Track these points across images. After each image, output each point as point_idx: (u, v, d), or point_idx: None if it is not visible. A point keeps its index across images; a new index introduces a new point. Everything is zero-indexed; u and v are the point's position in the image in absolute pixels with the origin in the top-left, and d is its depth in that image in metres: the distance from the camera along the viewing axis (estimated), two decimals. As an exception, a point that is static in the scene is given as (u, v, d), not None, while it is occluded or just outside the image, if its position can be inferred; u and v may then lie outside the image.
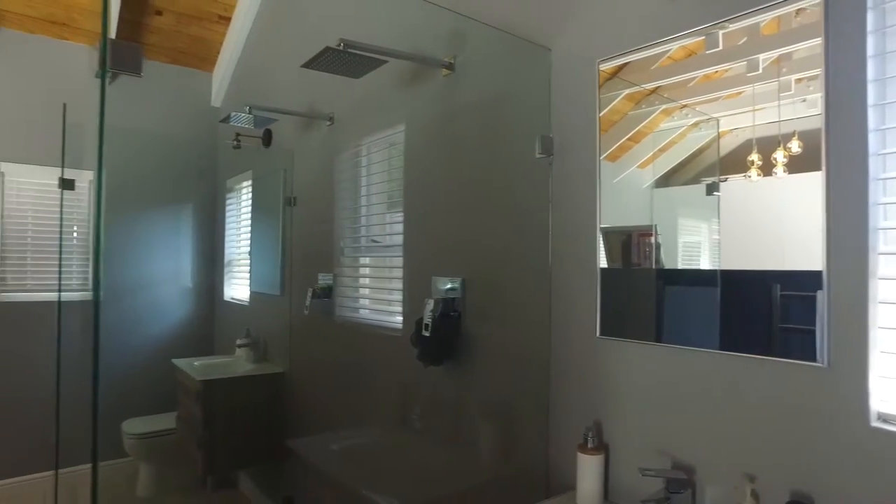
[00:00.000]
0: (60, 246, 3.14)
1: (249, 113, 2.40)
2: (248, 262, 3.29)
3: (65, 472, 3.13)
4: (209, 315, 3.92)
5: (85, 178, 3.49)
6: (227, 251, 3.72)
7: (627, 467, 1.39)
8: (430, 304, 1.81)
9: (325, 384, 2.51)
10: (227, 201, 3.70)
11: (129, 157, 3.60)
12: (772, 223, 1.18)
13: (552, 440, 1.58)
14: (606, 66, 1.46)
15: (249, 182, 3.34)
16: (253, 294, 3.22)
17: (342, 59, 1.72)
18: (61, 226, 3.05)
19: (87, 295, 3.58)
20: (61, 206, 3.01)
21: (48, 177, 3.46)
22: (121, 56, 1.01)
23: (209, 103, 3.97)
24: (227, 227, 3.70)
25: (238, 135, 3.04)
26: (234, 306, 3.57)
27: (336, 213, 2.44)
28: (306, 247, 2.69)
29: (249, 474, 3.29)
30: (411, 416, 1.98)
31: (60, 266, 3.11)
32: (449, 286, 1.86)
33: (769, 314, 1.17)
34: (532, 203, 1.66)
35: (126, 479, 3.53)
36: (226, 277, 3.71)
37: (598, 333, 1.46)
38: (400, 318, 2.09)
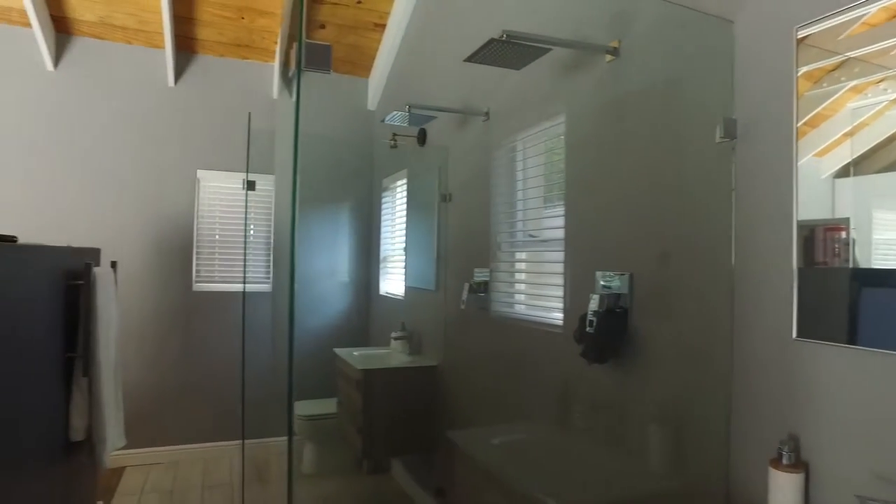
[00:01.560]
0: (246, 242, 3.50)
1: (409, 112, 2.49)
2: (404, 258, 3.43)
3: (248, 443, 3.50)
4: (365, 308, 4.16)
5: (262, 181, 3.88)
6: (382, 247, 3.92)
7: (836, 492, 1.21)
8: (595, 300, 1.74)
9: (479, 379, 2.53)
10: (383, 199, 3.89)
11: (306, 160, 3.92)
12: None
13: (735, 452, 1.44)
14: (804, 34, 1.29)
15: (404, 180, 3.48)
16: (408, 289, 3.35)
17: (505, 51, 1.71)
18: (246, 224, 3.40)
19: (262, 287, 3.97)
20: (246, 206, 3.36)
21: (231, 181, 3.89)
22: (314, 55, 1.08)
23: (366, 107, 4.22)
24: (383, 224, 3.89)
25: (395, 135, 3.18)
26: (389, 300, 3.74)
27: (492, 209, 2.44)
28: (461, 243, 2.73)
29: (402, 462, 3.43)
30: (572, 415, 1.92)
31: (245, 260, 3.46)
32: (614, 281, 1.77)
33: None
34: (711, 192, 1.53)
35: (293, 456, 3.86)
36: (381, 273, 3.91)
37: (794, 335, 1.30)
38: (559, 315, 2.03)
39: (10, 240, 1.86)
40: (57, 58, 3.56)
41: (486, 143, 2.51)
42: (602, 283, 1.82)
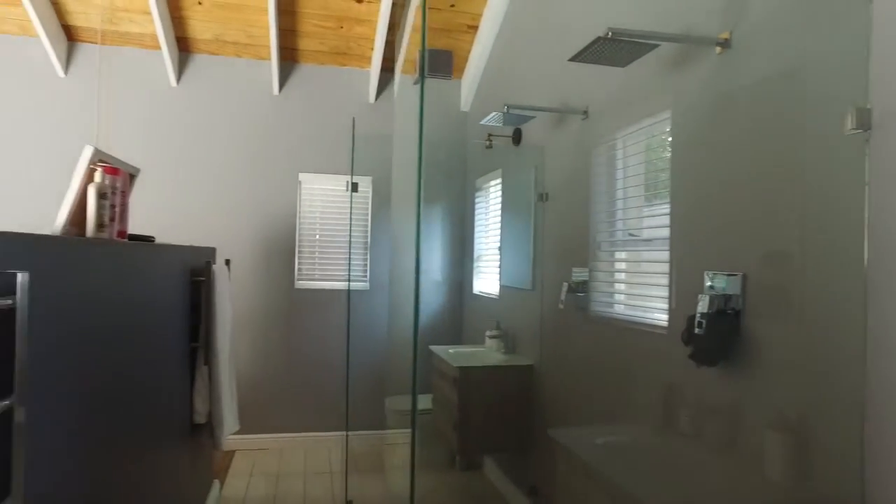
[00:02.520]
0: (350, 242, 3.64)
1: (508, 112, 2.50)
2: (498, 257, 3.45)
3: (336, 434, 3.66)
4: (458, 306, 4.22)
5: (360, 183, 4.03)
6: (476, 247, 3.96)
7: None
8: (704, 301, 1.68)
9: (577, 379, 2.50)
10: (476, 199, 3.93)
11: (401, 162, 4.06)
12: None
13: (873, 469, 1.34)
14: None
15: (498, 180, 3.49)
16: (503, 288, 3.36)
17: (610, 49, 1.68)
18: (351, 224, 3.54)
19: (359, 285, 4.12)
20: (351, 207, 3.50)
21: (330, 183, 4.08)
22: (436, 62, 1.12)
23: (459, 108, 4.28)
24: (476, 223, 3.93)
25: (490, 135, 3.20)
26: (483, 299, 3.77)
27: (591, 208, 2.41)
28: (559, 242, 2.71)
29: (495, 460, 3.45)
30: (679, 418, 1.86)
31: (350, 258, 3.60)
32: (724, 282, 1.70)
33: None
34: (838, 187, 1.43)
35: (389, 449, 3.98)
36: (475, 272, 3.95)
37: (942, 343, 1.19)
38: (662, 315, 1.98)
39: (149, 239, 2.06)
40: (179, 74, 3.88)
41: (584, 142, 2.48)
42: (711, 283, 1.75)
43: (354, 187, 3.23)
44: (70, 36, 3.74)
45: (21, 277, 0.81)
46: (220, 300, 2.60)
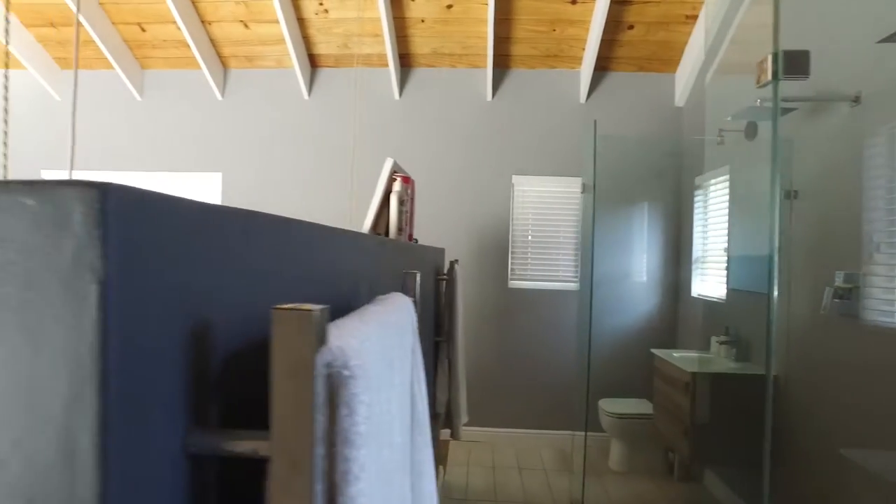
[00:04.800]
0: (593, 243, 3.65)
1: (761, 105, 2.35)
2: (724, 258, 3.24)
3: (551, 434, 3.71)
4: (673, 309, 4.05)
5: (567, 183, 4.06)
6: (694, 248, 3.76)
7: None
8: None
9: (847, 394, 2.26)
10: (696, 197, 3.73)
11: (609, 161, 4.02)
12: None
13: None
14: None
15: (725, 177, 3.28)
16: (732, 291, 3.15)
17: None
18: (594, 228, 3.57)
19: (570, 285, 4.15)
20: (594, 210, 3.53)
21: (542, 184, 4.16)
22: (792, 63, 1.10)
23: (673, 104, 4.10)
24: (695, 223, 3.73)
25: (721, 130, 3.03)
26: (705, 303, 3.58)
27: (863, 205, 2.16)
28: (814, 243, 2.47)
29: (718, 473, 3.25)
30: None
31: (593, 259, 3.62)
32: None
33: None
34: None
35: (599, 451, 3.96)
36: (693, 274, 3.76)
37: None
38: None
39: (414, 241, 2.29)
40: (401, 88, 4.24)
41: (853, 132, 2.23)
42: None
43: (587, 188, 3.23)
44: (313, 63, 4.29)
45: (418, 277, 0.97)
46: (458, 298, 2.79)
